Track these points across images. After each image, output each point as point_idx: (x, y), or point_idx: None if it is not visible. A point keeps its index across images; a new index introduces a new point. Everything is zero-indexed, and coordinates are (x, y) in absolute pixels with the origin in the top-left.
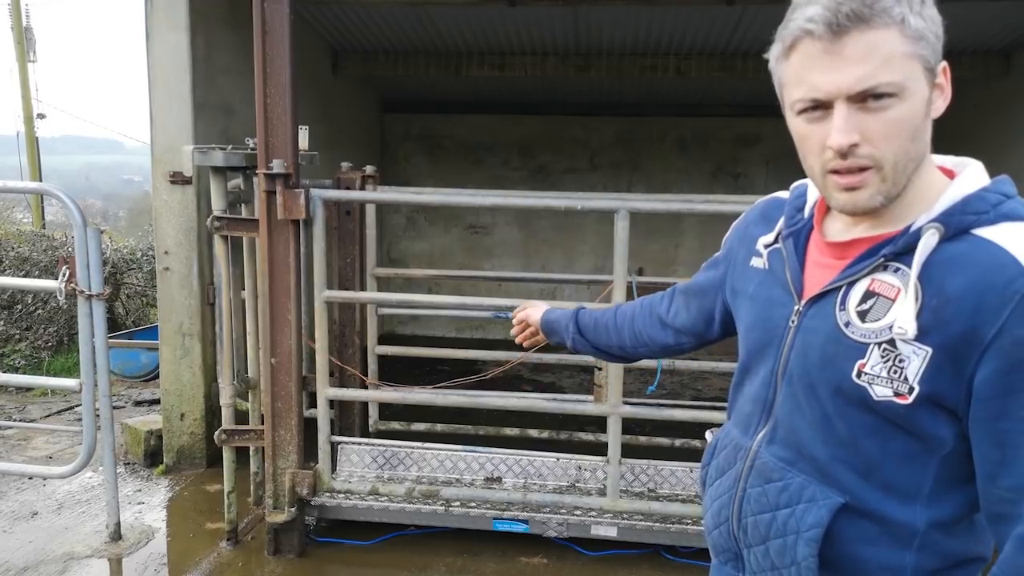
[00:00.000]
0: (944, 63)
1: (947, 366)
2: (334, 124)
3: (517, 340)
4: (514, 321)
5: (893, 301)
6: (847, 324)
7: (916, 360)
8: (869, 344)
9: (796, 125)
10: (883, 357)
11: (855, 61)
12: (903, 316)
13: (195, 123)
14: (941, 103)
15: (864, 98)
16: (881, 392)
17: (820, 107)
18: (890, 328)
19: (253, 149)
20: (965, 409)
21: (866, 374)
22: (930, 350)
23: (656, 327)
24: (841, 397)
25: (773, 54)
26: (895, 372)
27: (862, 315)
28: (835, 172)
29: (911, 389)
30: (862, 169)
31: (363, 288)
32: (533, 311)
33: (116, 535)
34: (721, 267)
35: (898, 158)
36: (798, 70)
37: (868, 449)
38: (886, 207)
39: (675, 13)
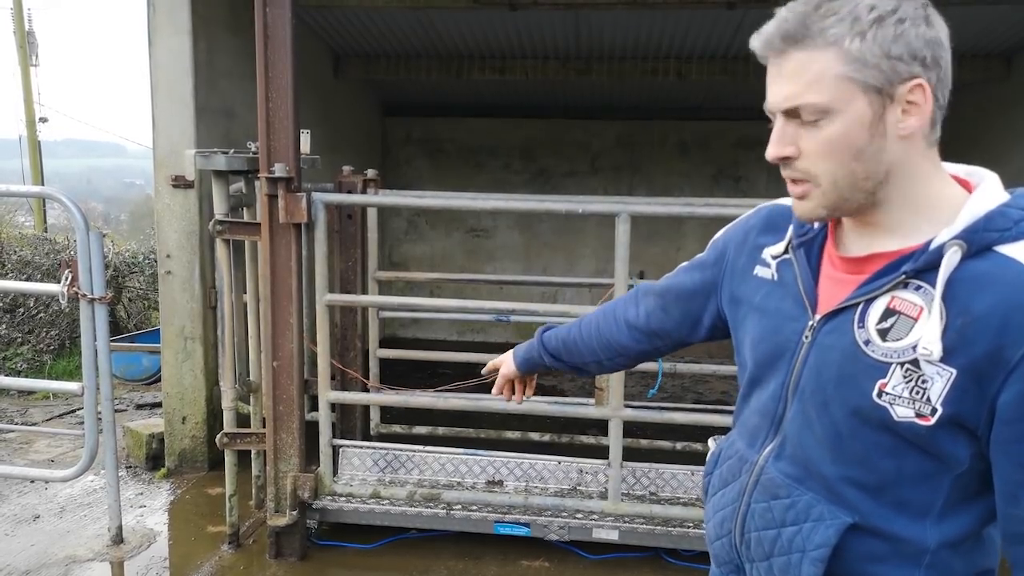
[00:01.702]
0: (916, 80)
1: (971, 387)
2: (335, 128)
3: (515, 400)
4: (494, 392)
5: (915, 320)
6: (867, 342)
7: (940, 381)
8: (891, 364)
9: None
10: (905, 377)
11: (786, 79)
12: (928, 336)
13: (197, 127)
14: (915, 121)
15: (797, 115)
16: (903, 413)
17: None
18: (914, 348)
19: (255, 153)
20: (986, 429)
21: (887, 394)
22: (955, 371)
23: (624, 333)
24: (858, 416)
25: None
26: (918, 393)
27: (883, 333)
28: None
29: (934, 410)
30: (804, 181)
31: (364, 291)
32: (504, 367)
33: (118, 538)
34: (710, 271)
35: (837, 176)
36: (766, 81)
37: (882, 468)
38: (868, 218)
39: (676, 16)
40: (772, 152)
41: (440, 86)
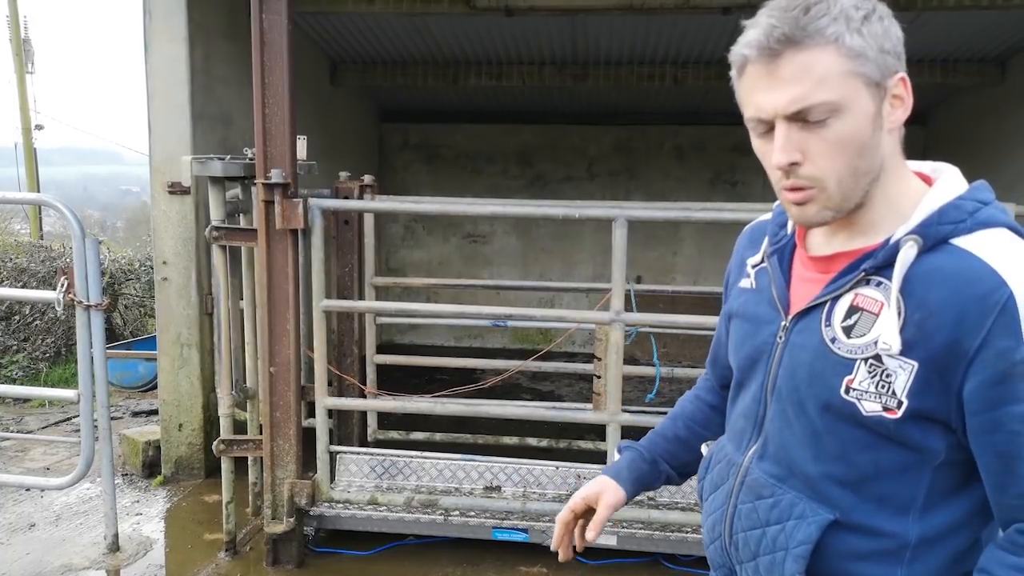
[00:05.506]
0: (900, 74)
1: (934, 379)
2: (332, 134)
3: (579, 548)
4: (591, 538)
5: (877, 316)
6: (833, 340)
7: (903, 374)
8: (856, 360)
9: (754, 143)
10: (870, 372)
11: (789, 82)
12: (887, 331)
13: (194, 133)
14: (901, 113)
15: (802, 117)
16: (870, 407)
17: (767, 127)
18: (875, 343)
19: (252, 159)
20: (959, 420)
21: (854, 390)
22: (916, 364)
23: (715, 407)
24: (830, 413)
25: (733, 75)
26: (883, 387)
27: (847, 330)
28: (786, 188)
29: (900, 403)
30: (806, 187)
31: (362, 297)
32: (608, 496)
33: (114, 546)
34: (725, 306)
35: (842, 175)
36: (745, 91)
37: (860, 463)
38: (852, 217)
39: (672, 22)
40: (783, 159)
41: (437, 92)
